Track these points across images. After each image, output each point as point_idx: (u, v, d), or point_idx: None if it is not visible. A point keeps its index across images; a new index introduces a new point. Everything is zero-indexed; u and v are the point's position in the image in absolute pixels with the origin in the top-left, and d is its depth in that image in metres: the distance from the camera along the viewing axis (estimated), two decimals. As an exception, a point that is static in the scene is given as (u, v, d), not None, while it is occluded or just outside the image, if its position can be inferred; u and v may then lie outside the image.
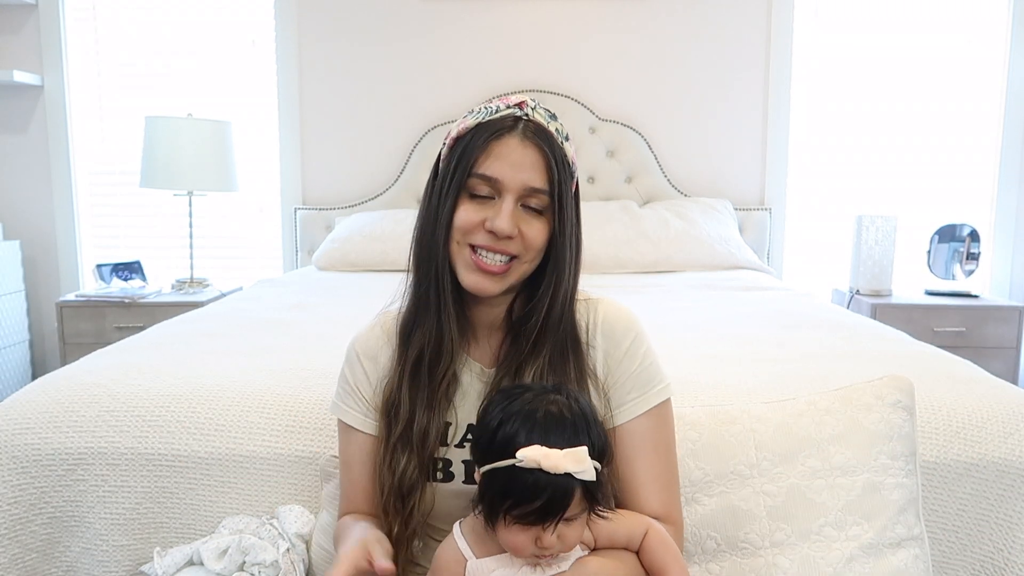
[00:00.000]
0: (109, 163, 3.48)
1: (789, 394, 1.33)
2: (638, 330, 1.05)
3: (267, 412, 1.33)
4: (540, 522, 0.81)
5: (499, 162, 0.95)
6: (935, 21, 3.34)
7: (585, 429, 0.84)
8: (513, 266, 0.97)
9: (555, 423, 0.83)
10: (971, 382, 1.42)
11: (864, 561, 1.07)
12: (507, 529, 0.83)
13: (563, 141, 0.99)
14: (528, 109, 0.98)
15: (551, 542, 0.82)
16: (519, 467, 0.79)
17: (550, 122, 0.99)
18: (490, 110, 0.98)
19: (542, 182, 0.96)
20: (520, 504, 0.80)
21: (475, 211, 0.96)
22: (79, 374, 1.45)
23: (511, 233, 0.94)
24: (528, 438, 0.81)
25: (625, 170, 3.37)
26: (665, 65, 3.38)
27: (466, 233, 0.97)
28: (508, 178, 0.95)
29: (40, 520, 1.29)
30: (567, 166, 0.99)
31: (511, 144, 0.95)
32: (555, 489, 0.79)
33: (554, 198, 0.96)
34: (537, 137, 0.96)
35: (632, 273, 2.87)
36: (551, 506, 0.80)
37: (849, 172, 3.44)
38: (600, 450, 0.84)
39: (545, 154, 0.96)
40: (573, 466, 0.79)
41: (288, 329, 1.86)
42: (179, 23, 3.41)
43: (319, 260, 3.00)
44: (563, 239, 0.98)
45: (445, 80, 3.38)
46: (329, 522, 1.19)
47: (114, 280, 3.23)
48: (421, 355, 1.00)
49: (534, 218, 0.97)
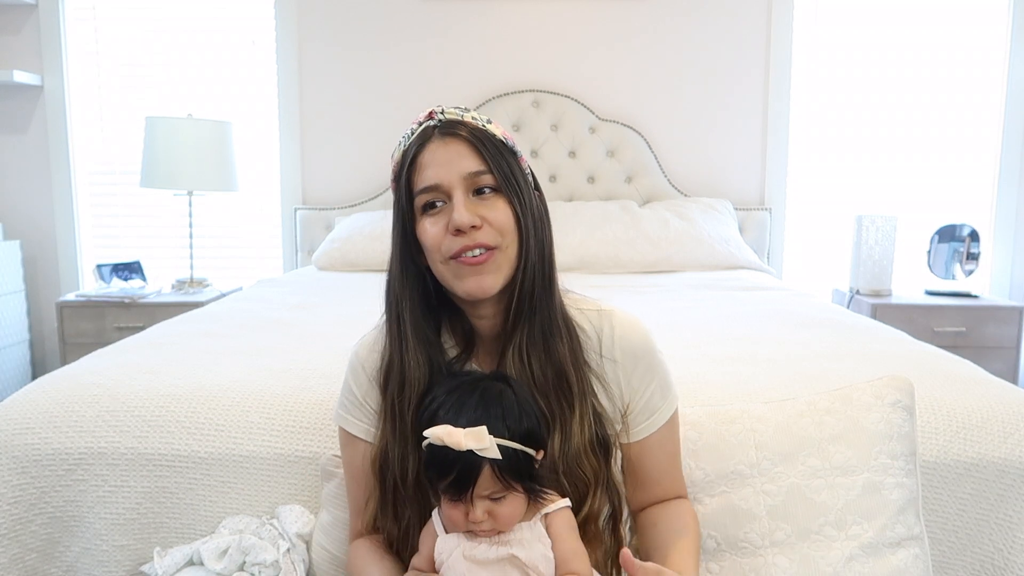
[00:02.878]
0: (109, 163, 3.48)
1: (789, 394, 1.33)
2: (653, 344, 1.06)
3: (267, 412, 1.33)
4: (459, 496, 0.87)
5: (430, 168, 0.96)
6: (935, 20, 3.34)
7: (500, 413, 0.88)
8: (496, 255, 0.96)
9: (472, 404, 0.88)
10: (971, 382, 1.42)
11: (864, 561, 1.07)
12: (444, 503, 0.90)
13: (484, 124, 0.98)
14: (438, 114, 0.98)
15: (477, 517, 0.87)
16: (433, 444, 0.86)
17: (464, 114, 0.99)
18: (407, 136, 1.00)
19: (477, 164, 0.95)
20: (439, 478, 0.87)
21: (434, 224, 0.96)
22: (79, 374, 1.45)
23: (473, 222, 0.94)
24: (444, 416, 0.88)
25: (625, 170, 3.37)
26: (665, 65, 3.38)
27: (439, 247, 0.96)
28: (444, 176, 0.95)
29: (40, 520, 1.29)
30: (498, 144, 0.98)
31: (434, 148, 0.96)
32: (463, 465, 0.85)
33: (497, 173, 0.96)
34: (455, 129, 0.97)
35: (632, 273, 2.87)
36: (461, 480, 0.86)
37: (849, 172, 3.44)
38: (523, 435, 0.88)
39: (468, 140, 0.96)
40: (474, 443, 0.84)
41: (288, 329, 1.86)
42: (179, 23, 3.41)
43: (319, 260, 3.00)
44: (524, 212, 0.97)
45: (445, 80, 3.39)
46: (330, 522, 1.19)
47: (114, 280, 3.23)
48: (400, 393, 1.00)
49: (493, 199, 0.96)
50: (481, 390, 0.91)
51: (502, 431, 0.87)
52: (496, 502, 0.88)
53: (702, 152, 3.42)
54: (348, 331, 1.79)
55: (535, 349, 0.99)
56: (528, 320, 0.99)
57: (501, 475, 0.86)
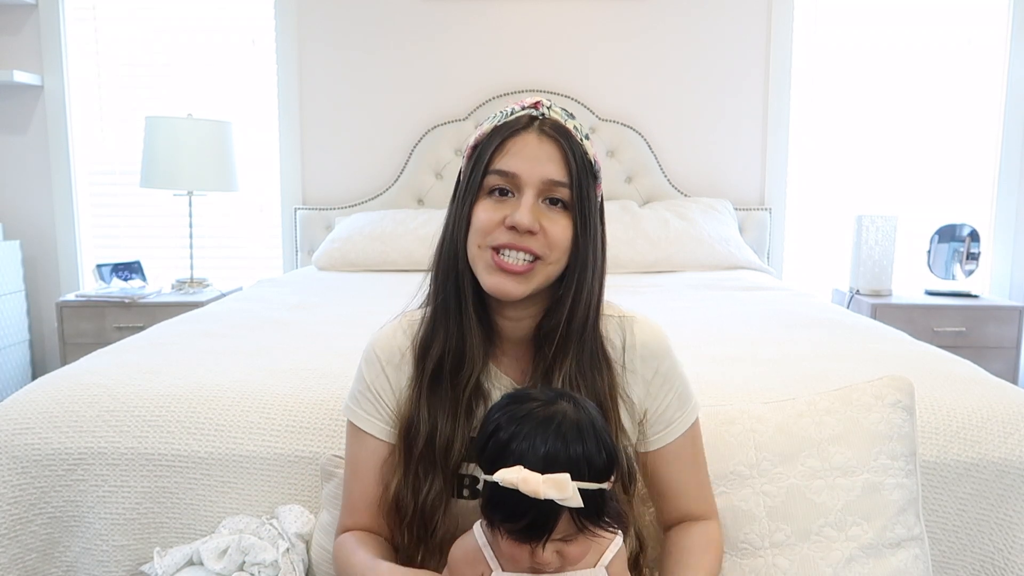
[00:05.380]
0: (109, 163, 3.48)
1: (789, 394, 1.33)
2: (672, 351, 1.04)
3: (267, 412, 1.33)
4: (528, 541, 0.79)
5: (516, 158, 0.93)
6: (935, 20, 3.34)
7: (581, 452, 0.78)
8: (537, 267, 0.94)
9: (548, 437, 0.78)
10: (971, 382, 1.42)
11: (864, 561, 1.07)
12: (504, 540, 0.81)
13: (583, 139, 0.97)
14: (544, 108, 0.96)
15: (546, 559, 0.80)
16: (502, 486, 0.76)
17: (568, 120, 0.97)
18: (505, 113, 0.97)
19: (562, 174, 0.93)
20: (507, 521, 0.79)
21: (494, 209, 0.94)
22: (79, 374, 1.44)
23: (532, 227, 0.91)
24: (519, 448, 0.78)
25: (625, 170, 3.37)
26: (665, 65, 3.38)
27: (486, 234, 0.94)
28: (526, 172, 0.93)
29: (40, 520, 1.29)
30: (588, 164, 0.96)
31: (527, 140, 0.94)
32: (538, 513, 0.76)
33: (574, 191, 0.94)
34: (554, 132, 0.94)
35: (632, 273, 2.87)
36: (535, 528, 0.77)
37: (849, 172, 3.44)
38: (601, 467, 0.80)
39: (563, 147, 0.94)
40: (554, 493, 0.74)
41: (288, 329, 1.86)
42: (179, 23, 3.41)
43: (319, 260, 3.00)
44: (586, 238, 0.96)
45: (445, 80, 3.39)
46: (330, 521, 1.19)
47: (114, 280, 3.23)
48: (441, 362, 0.98)
49: (557, 215, 0.94)
50: (558, 419, 0.80)
51: (583, 471, 0.77)
52: (566, 542, 0.81)
53: (702, 152, 3.42)
54: (348, 331, 1.80)
55: (584, 380, 0.96)
56: (578, 348, 0.97)
57: (579, 520, 0.79)
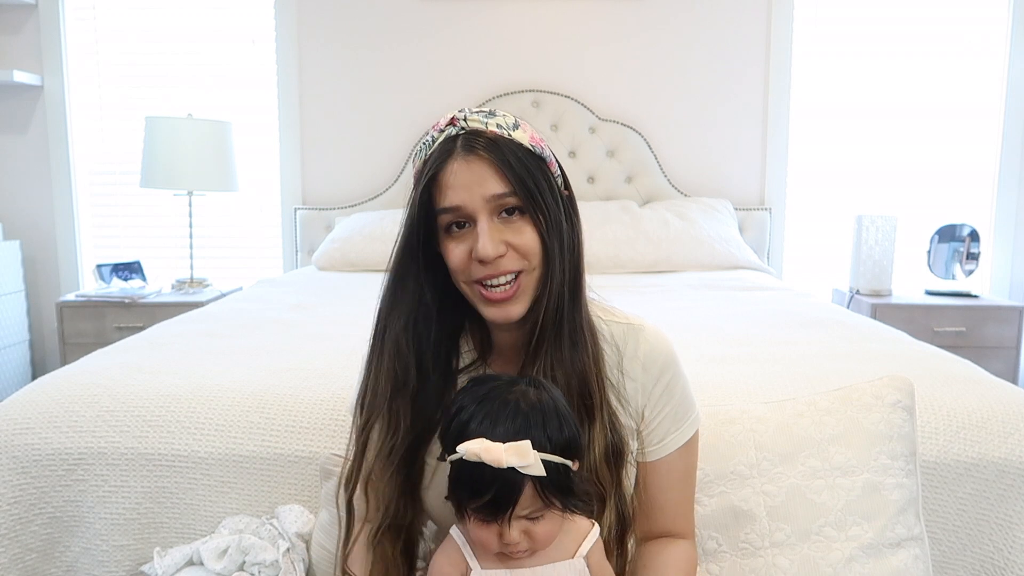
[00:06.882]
0: (109, 163, 3.48)
1: (789, 394, 1.33)
2: (676, 365, 1.03)
3: (267, 412, 1.33)
4: (494, 517, 0.79)
5: (453, 190, 0.91)
6: (935, 20, 3.34)
7: (541, 423, 0.80)
8: (522, 280, 0.94)
9: (507, 414, 0.80)
10: (971, 382, 1.42)
11: (864, 561, 1.07)
12: (473, 524, 0.82)
13: (510, 132, 0.93)
14: (460, 121, 0.93)
15: (513, 538, 0.81)
16: (466, 460, 0.78)
17: (488, 121, 0.93)
18: (427, 144, 0.95)
19: (502, 186, 0.91)
20: (472, 497, 0.79)
21: (459, 246, 0.93)
22: (79, 374, 1.45)
23: (496, 253, 0.90)
24: (478, 429, 0.79)
25: (625, 170, 3.37)
26: (665, 65, 3.38)
27: (463, 271, 0.94)
28: (468, 200, 0.91)
29: (40, 520, 1.29)
30: (526, 156, 0.93)
31: (455, 168, 0.91)
32: (502, 483, 0.77)
33: (521, 193, 0.91)
34: (477, 147, 0.91)
35: (632, 273, 2.87)
36: (500, 501, 0.78)
37: (849, 172, 3.44)
38: (563, 446, 0.81)
39: (493, 159, 0.91)
40: (516, 460, 0.76)
41: (288, 329, 1.86)
42: (179, 23, 3.41)
43: (319, 260, 3.00)
44: (549, 232, 0.94)
45: (445, 80, 3.38)
46: (329, 521, 1.19)
47: (114, 280, 3.23)
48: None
49: (518, 223, 0.93)
50: (516, 397, 0.82)
51: (544, 443, 0.79)
52: (533, 521, 0.81)
53: (702, 152, 3.42)
54: (348, 331, 1.80)
55: (561, 363, 0.96)
56: (555, 334, 0.96)
57: (543, 492, 0.79)
